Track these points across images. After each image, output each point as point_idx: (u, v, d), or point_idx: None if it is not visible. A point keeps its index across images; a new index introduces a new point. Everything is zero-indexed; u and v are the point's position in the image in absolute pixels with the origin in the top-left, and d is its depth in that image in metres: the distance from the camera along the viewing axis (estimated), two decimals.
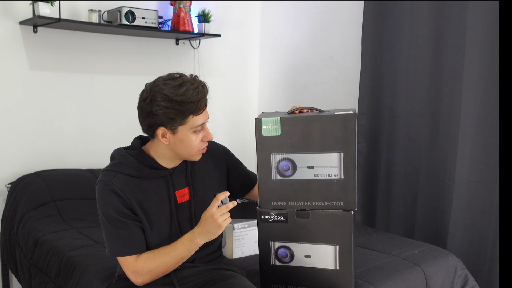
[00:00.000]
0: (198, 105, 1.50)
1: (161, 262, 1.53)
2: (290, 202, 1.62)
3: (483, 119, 2.35)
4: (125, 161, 1.58)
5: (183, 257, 1.54)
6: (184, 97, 1.47)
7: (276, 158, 1.60)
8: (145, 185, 1.57)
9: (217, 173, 1.73)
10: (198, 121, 1.52)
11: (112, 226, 1.53)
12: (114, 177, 1.54)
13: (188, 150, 1.56)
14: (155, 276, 1.55)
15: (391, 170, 2.71)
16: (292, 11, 3.42)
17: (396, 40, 2.66)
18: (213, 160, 1.72)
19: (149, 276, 1.55)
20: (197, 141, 1.55)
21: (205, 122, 1.56)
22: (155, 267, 1.53)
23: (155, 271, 1.54)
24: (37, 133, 2.79)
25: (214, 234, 1.49)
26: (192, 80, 1.52)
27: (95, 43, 2.95)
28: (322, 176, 1.58)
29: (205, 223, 1.49)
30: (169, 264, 1.53)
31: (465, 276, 2.10)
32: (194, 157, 1.59)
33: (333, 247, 1.60)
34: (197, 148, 1.56)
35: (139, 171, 1.56)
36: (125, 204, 1.53)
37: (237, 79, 3.61)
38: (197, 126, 1.52)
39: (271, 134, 1.58)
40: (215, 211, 1.47)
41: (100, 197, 1.55)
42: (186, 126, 1.52)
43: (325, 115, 1.55)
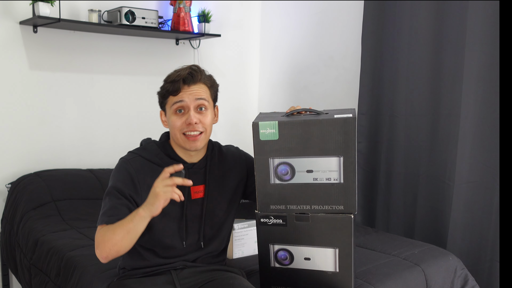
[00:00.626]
0: (174, 86, 1.55)
1: (111, 232, 1.46)
2: (289, 206, 1.59)
3: (483, 119, 2.35)
4: (149, 148, 1.64)
5: (129, 229, 1.45)
6: (167, 78, 1.60)
7: (274, 163, 1.56)
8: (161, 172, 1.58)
9: (236, 179, 1.72)
10: (176, 99, 1.56)
11: (108, 196, 1.55)
12: (133, 158, 1.60)
13: (174, 133, 1.59)
14: (107, 249, 1.47)
15: (391, 170, 2.71)
16: (292, 11, 3.42)
17: (396, 40, 2.66)
18: (233, 164, 1.72)
19: (102, 248, 1.47)
20: (179, 123, 1.56)
21: (190, 105, 1.56)
22: (107, 238, 1.47)
23: (107, 242, 1.47)
24: (37, 133, 2.79)
25: (153, 205, 1.42)
26: (186, 66, 1.60)
27: (95, 43, 2.95)
28: (322, 180, 1.55)
29: (149, 193, 1.45)
30: (117, 234, 1.45)
31: (465, 276, 2.10)
32: (182, 143, 1.58)
33: (333, 250, 1.59)
34: (180, 130, 1.56)
35: (159, 159, 1.61)
36: (131, 186, 1.55)
37: (237, 79, 3.61)
38: (174, 104, 1.56)
39: (269, 138, 1.55)
40: (157, 180, 1.43)
41: (114, 171, 1.60)
42: (168, 105, 1.59)
43: (324, 119, 1.51)
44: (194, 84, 1.57)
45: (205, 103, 1.59)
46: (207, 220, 1.65)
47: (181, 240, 1.62)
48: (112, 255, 1.49)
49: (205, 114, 1.59)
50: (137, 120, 3.10)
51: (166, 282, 1.59)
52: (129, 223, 1.45)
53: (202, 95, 1.58)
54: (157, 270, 1.62)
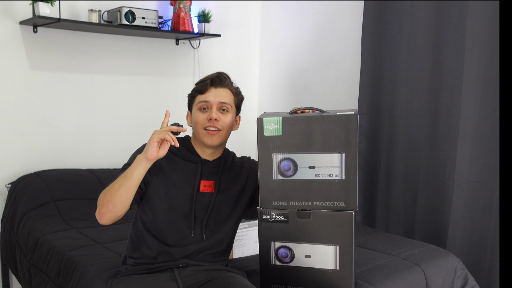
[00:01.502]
0: (203, 86, 1.69)
1: (111, 185, 1.53)
2: (291, 202, 1.62)
3: (483, 119, 2.35)
4: None
5: (126, 174, 1.51)
6: (197, 82, 1.74)
7: (278, 158, 1.60)
8: (177, 161, 1.69)
9: (246, 181, 1.77)
10: (202, 98, 1.67)
11: (122, 169, 1.61)
12: None
13: (196, 127, 1.67)
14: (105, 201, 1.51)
15: (391, 170, 2.71)
16: (292, 11, 3.42)
17: (396, 40, 2.66)
18: (245, 171, 1.78)
19: (100, 202, 1.52)
20: (202, 118, 1.66)
21: (213, 104, 1.66)
22: (107, 190, 1.52)
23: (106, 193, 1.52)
24: (37, 133, 2.79)
25: (148, 146, 1.49)
26: (218, 72, 1.75)
27: (95, 43, 2.95)
28: (323, 176, 1.58)
29: None
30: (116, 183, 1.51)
31: (465, 276, 2.10)
32: (202, 137, 1.66)
33: (334, 248, 1.60)
34: (201, 125, 1.65)
35: (177, 149, 1.69)
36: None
37: (237, 79, 3.55)
38: (201, 102, 1.67)
39: (272, 134, 1.59)
40: (155, 130, 1.52)
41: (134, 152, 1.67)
42: (195, 104, 1.70)
43: (326, 115, 1.55)
44: (221, 87, 1.70)
45: (227, 106, 1.69)
46: (212, 214, 1.69)
47: (189, 229, 1.66)
48: (109, 210, 1.51)
49: (226, 115, 1.68)
50: (137, 120, 3.10)
51: (168, 279, 1.61)
52: (127, 169, 1.53)
53: (225, 98, 1.69)
54: (160, 267, 1.64)
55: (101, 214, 1.53)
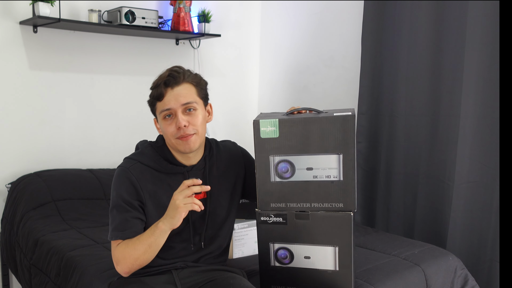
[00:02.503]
0: (158, 91, 1.53)
1: (132, 247, 1.50)
2: (289, 204, 1.61)
3: (483, 119, 2.35)
4: (146, 152, 1.62)
5: (150, 243, 1.49)
6: (151, 85, 1.58)
7: (275, 160, 1.58)
8: (162, 178, 1.59)
9: (234, 175, 1.72)
10: (163, 106, 1.53)
11: (116, 209, 1.55)
12: (133, 165, 1.58)
13: (168, 138, 1.57)
14: (130, 264, 1.51)
15: (391, 170, 2.71)
16: (292, 11, 3.42)
17: (396, 40, 2.66)
18: (231, 162, 1.72)
19: (124, 263, 1.52)
20: (170, 129, 1.54)
21: (177, 109, 1.52)
22: (127, 254, 1.51)
23: (128, 258, 1.51)
24: (37, 133, 2.79)
25: (173, 218, 1.44)
26: (167, 69, 1.57)
27: (95, 43, 2.95)
28: (321, 177, 1.57)
29: (168, 207, 1.47)
30: (139, 250, 1.49)
31: (465, 276, 2.10)
32: (177, 147, 1.56)
33: (333, 249, 1.60)
34: (172, 135, 1.54)
35: (158, 164, 1.59)
36: (136, 194, 1.55)
37: (237, 79, 3.61)
38: (162, 111, 1.54)
39: (269, 136, 1.57)
40: (176, 193, 1.45)
41: (115, 181, 1.58)
42: (157, 113, 1.57)
43: (323, 117, 1.53)
44: (178, 85, 1.53)
45: (192, 105, 1.55)
46: (209, 221, 1.66)
47: (188, 243, 1.63)
48: (134, 269, 1.54)
49: (194, 115, 1.55)
50: (137, 120, 3.10)
51: (167, 282, 1.59)
52: (149, 237, 1.49)
53: (187, 97, 1.54)
54: (158, 270, 1.63)
55: (125, 272, 1.54)
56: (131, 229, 1.53)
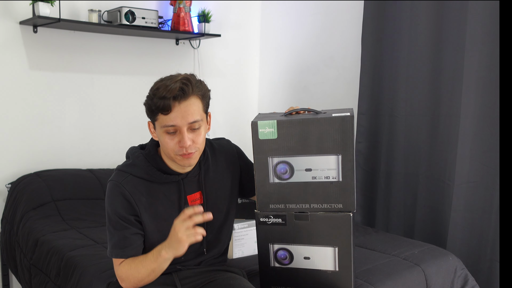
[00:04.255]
0: (165, 104, 1.41)
1: (135, 270, 1.50)
2: (289, 205, 1.60)
3: (483, 119, 2.35)
4: (138, 163, 1.55)
5: (154, 269, 1.48)
6: (154, 91, 1.45)
7: (273, 161, 1.57)
8: (156, 188, 1.55)
9: (230, 174, 1.70)
10: (167, 121, 1.43)
11: (112, 227, 1.53)
12: (125, 179, 1.53)
13: (167, 152, 1.50)
14: (134, 284, 1.52)
15: (391, 170, 2.71)
16: (292, 11, 3.42)
17: (396, 40, 2.66)
18: (227, 162, 1.69)
19: (128, 282, 1.52)
20: (171, 144, 1.46)
21: (182, 127, 1.45)
22: (131, 275, 1.51)
23: (132, 278, 1.51)
24: (37, 133, 2.79)
25: (177, 249, 1.41)
26: (175, 78, 1.46)
27: (95, 43, 2.95)
28: (320, 178, 1.56)
29: (170, 236, 1.44)
30: (142, 273, 1.49)
31: (465, 276, 2.10)
32: (176, 161, 1.51)
33: (333, 249, 1.59)
34: (173, 151, 1.47)
35: (151, 175, 1.54)
36: (131, 209, 1.52)
37: (237, 79, 3.61)
38: (166, 126, 1.44)
39: (267, 138, 1.55)
40: (178, 223, 1.40)
41: (108, 196, 1.54)
42: (158, 123, 1.47)
43: (322, 118, 1.52)
44: (185, 100, 1.43)
45: (198, 123, 1.47)
46: (208, 227, 1.63)
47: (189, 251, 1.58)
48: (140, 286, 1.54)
49: (198, 133, 1.49)
50: (137, 120, 3.10)
51: (167, 283, 1.59)
52: (152, 263, 1.48)
53: (194, 116, 1.45)
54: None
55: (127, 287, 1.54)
56: (131, 246, 1.52)
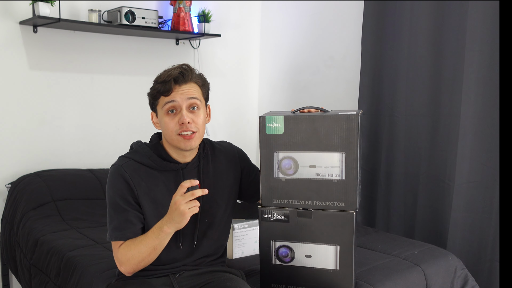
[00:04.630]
0: (166, 86, 1.53)
1: (136, 250, 1.52)
2: (292, 201, 1.62)
3: (483, 119, 2.35)
4: (140, 150, 1.62)
5: (155, 246, 1.50)
6: (157, 78, 1.57)
7: (279, 156, 1.60)
8: (156, 175, 1.59)
9: (230, 175, 1.71)
10: (166, 100, 1.54)
11: (113, 209, 1.55)
12: (126, 163, 1.59)
13: (168, 134, 1.56)
14: (134, 265, 1.53)
15: (391, 170, 2.71)
16: (292, 11, 3.42)
17: (396, 40, 2.66)
18: (227, 161, 1.72)
19: (128, 265, 1.53)
20: (172, 124, 1.54)
21: (182, 104, 1.54)
22: (131, 255, 1.52)
23: (132, 259, 1.52)
24: (37, 133, 2.79)
25: (179, 223, 1.45)
26: (176, 65, 1.57)
27: (95, 43, 2.95)
28: (324, 176, 1.58)
29: (170, 210, 1.47)
30: (143, 252, 1.51)
31: (465, 276, 2.10)
32: (177, 144, 1.56)
33: (334, 248, 1.60)
34: (174, 131, 1.54)
35: (152, 161, 1.59)
36: (130, 191, 1.55)
37: (237, 79, 3.61)
38: (166, 105, 1.54)
39: (274, 132, 1.59)
40: (178, 198, 1.44)
41: (109, 180, 1.59)
42: (159, 106, 1.57)
43: (328, 115, 1.55)
44: (185, 83, 1.55)
45: (197, 102, 1.57)
46: (204, 220, 1.65)
47: (178, 242, 1.62)
48: (138, 269, 1.56)
49: (197, 114, 1.57)
50: (137, 120, 3.10)
51: (165, 284, 1.59)
52: (154, 240, 1.50)
53: (194, 94, 1.56)
54: (156, 274, 1.62)
55: (129, 273, 1.56)
56: (130, 229, 1.54)
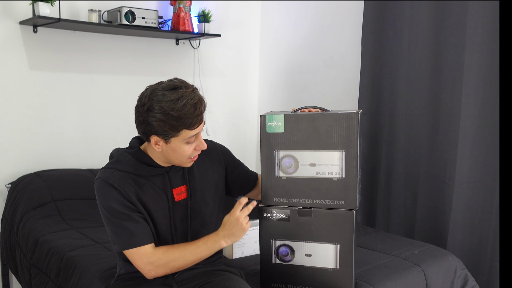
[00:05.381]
0: (193, 121, 1.49)
1: (180, 255, 1.54)
2: (292, 200, 1.63)
3: (483, 119, 2.35)
4: (122, 159, 1.59)
5: (203, 256, 1.56)
6: (180, 113, 1.47)
7: (279, 155, 1.62)
8: (143, 181, 1.58)
9: (215, 172, 1.73)
10: (192, 133, 1.51)
11: (117, 219, 1.53)
12: (111, 174, 1.56)
13: (180, 159, 1.56)
14: (169, 270, 1.56)
15: (391, 170, 2.71)
16: (292, 11, 3.42)
17: (396, 40, 2.66)
18: (210, 160, 1.73)
19: (163, 269, 1.55)
20: (190, 151, 1.55)
21: (199, 133, 1.55)
22: (172, 260, 1.54)
23: (171, 263, 1.54)
24: (37, 133, 2.79)
25: (239, 237, 1.54)
26: (191, 95, 1.49)
27: (95, 43, 2.95)
28: (324, 174, 1.59)
29: (230, 226, 1.53)
30: (188, 259, 1.55)
31: (465, 276, 2.10)
32: (185, 164, 1.59)
33: (334, 246, 1.61)
34: (189, 156, 1.56)
35: (136, 168, 1.57)
36: (124, 197, 1.54)
37: (237, 79, 3.61)
38: (190, 138, 1.52)
39: (275, 131, 1.61)
40: (240, 214, 1.52)
41: (100, 193, 1.55)
42: (179, 138, 1.51)
43: (328, 114, 1.56)
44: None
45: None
46: (195, 220, 1.65)
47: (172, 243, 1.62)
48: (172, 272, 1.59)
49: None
50: None
51: (164, 284, 1.59)
52: (206, 251, 1.56)
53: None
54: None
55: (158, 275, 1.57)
56: (145, 231, 1.54)
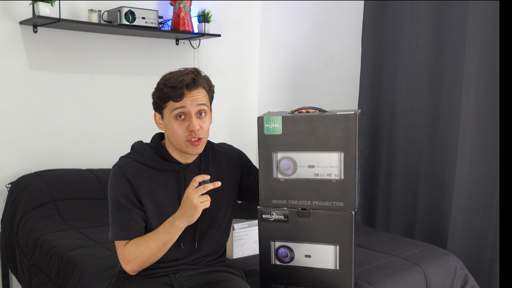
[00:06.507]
0: (177, 92, 1.52)
1: (145, 247, 1.53)
2: (291, 201, 1.62)
3: (483, 119, 2.35)
4: (142, 151, 1.63)
5: (165, 241, 1.53)
6: (166, 81, 1.55)
7: (278, 157, 1.61)
8: (157, 175, 1.60)
9: (231, 176, 1.73)
10: (176, 105, 1.53)
11: (116, 209, 1.56)
12: (128, 163, 1.60)
13: (175, 138, 1.57)
14: (141, 263, 1.54)
15: (391, 170, 2.71)
16: (292, 11, 3.42)
17: (396, 40, 2.66)
18: (227, 163, 1.73)
19: (135, 263, 1.54)
20: (181, 130, 1.55)
21: (191, 111, 1.54)
22: (140, 253, 1.53)
23: (140, 257, 1.54)
24: (37, 133, 2.79)
25: (191, 216, 1.48)
26: (186, 70, 1.57)
27: (95, 43, 2.95)
28: (322, 176, 1.58)
29: (183, 205, 1.50)
30: (153, 248, 1.53)
31: (465, 276, 2.10)
32: (184, 149, 1.58)
33: (334, 247, 1.60)
34: (183, 137, 1.55)
35: (154, 161, 1.60)
36: (133, 190, 1.56)
37: (237, 79, 3.61)
38: (175, 110, 1.53)
39: (272, 133, 1.60)
40: (191, 192, 1.47)
41: (111, 180, 1.59)
42: (167, 110, 1.56)
43: (326, 115, 1.55)
44: (195, 89, 1.55)
45: (205, 108, 1.58)
46: (204, 220, 1.65)
47: (179, 242, 1.62)
48: (145, 267, 1.57)
49: (204, 120, 1.59)
50: (137, 120, 3.10)
51: (165, 284, 1.60)
52: (165, 235, 1.52)
53: (202, 100, 1.57)
54: (157, 273, 1.63)
55: (134, 271, 1.57)
56: (134, 227, 1.55)
